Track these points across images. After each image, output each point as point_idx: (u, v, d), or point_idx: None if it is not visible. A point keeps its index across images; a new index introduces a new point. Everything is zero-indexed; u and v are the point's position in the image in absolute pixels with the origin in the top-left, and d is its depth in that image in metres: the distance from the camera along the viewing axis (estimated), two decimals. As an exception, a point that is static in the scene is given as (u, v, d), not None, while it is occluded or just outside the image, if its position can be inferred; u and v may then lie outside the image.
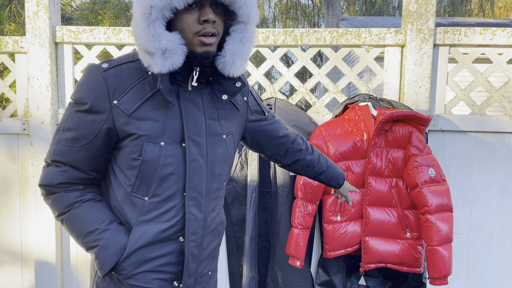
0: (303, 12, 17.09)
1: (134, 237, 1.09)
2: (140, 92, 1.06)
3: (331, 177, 1.54)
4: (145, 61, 1.01)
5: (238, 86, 1.12)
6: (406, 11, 2.17)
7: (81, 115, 1.05)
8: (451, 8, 15.22)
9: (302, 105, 8.51)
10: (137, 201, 1.09)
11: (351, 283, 2.18)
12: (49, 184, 1.10)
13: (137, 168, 1.07)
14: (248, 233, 2.08)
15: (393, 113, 1.88)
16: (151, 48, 0.98)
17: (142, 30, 0.97)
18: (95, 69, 1.05)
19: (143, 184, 1.08)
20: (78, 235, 1.11)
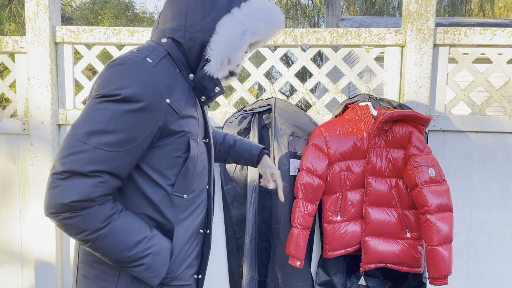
0: (303, 12, 17.08)
1: (178, 236, 1.10)
2: (183, 90, 1.08)
3: (242, 150, 1.55)
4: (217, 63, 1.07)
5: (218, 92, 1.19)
6: (406, 11, 2.17)
7: (133, 114, 0.95)
8: (451, 8, 15.22)
9: (302, 105, 8.50)
10: (177, 199, 1.09)
11: (351, 283, 2.18)
12: (85, 199, 0.92)
13: (179, 165, 1.07)
14: (248, 233, 2.08)
15: (393, 113, 1.88)
16: (234, 59, 1.08)
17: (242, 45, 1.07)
18: (145, 63, 0.99)
19: (184, 181, 1.09)
20: (123, 248, 1.00)
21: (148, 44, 1.09)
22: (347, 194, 1.99)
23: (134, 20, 11.55)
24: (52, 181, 0.92)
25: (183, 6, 1.07)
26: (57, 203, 0.91)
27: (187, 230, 1.13)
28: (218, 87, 1.13)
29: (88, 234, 0.95)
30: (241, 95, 2.33)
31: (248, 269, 2.08)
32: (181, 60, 1.09)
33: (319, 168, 1.93)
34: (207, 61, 1.07)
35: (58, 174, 0.91)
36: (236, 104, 8.34)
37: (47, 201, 0.93)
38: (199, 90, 1.12)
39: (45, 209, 0.94)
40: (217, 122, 2.27)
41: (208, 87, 1.11)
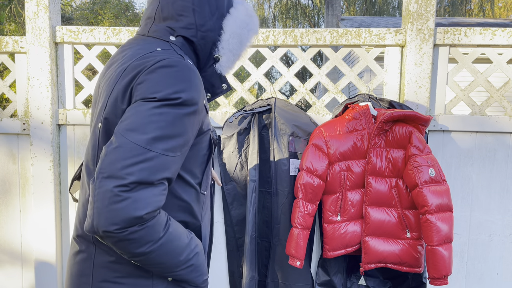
0: (303, 12, 17.09)
1: (205, 232, 1.12)
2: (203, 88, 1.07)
3: None
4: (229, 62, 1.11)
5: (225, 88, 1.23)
6: (406, 11, 2.17)
7: (190, 117, 0.93)
8: (451, 8, 15.22)
9: (302, 105, 8.49)
10: (201, 196, 1.09)
11: (351, 283, 2.18)
12: (157, 209, 0.87)
13: (205, 163, 1.08)
14: (248, 233, 2.08)
15: (393, 113, 1.88)
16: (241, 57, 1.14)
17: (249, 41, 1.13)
18: (191, 65, 0.98)
19: (207, 178, 1.11)
20: (178, 253, 0.97)
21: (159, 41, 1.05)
22: (347, 194, 1.99)
23: (134, 20, 11.55)
24: (117, 194, 0.83)
25: (187, 3, 1.07)
26: (127, 217, 0.83)
27: (207, 224, 1.16)
28: (226, 84, 1.15)
29: (151, 244, 0.90)
30: (241, 95, 2.33)
31: (248, 269, 2.08)
32: (192, 58, 1.10)
33: (319, 168, 1.93)
34: (217, 59, 1.10)
35: (124, 186, 0.83)
36: (236, 104, 8.34)
37: (112, 218, 0.83)
38: (206, 87, 1.13)
39: (105, 227, 0.83)
40: (217, 122, 2.27)
41: (215, 84, 1.13)
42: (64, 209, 2.39)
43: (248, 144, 2.16)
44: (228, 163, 2.18)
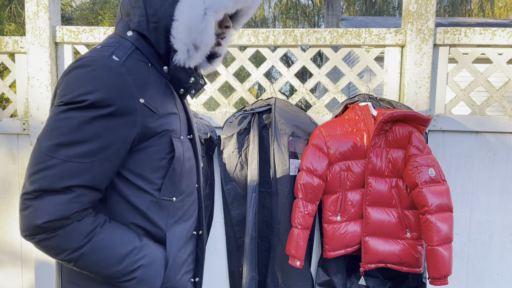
0: (303, 12, 17.09)
1: (172, 242, 1.02)
2: (157, 87, 0.99)
3: None
4: (183, 52, 0.97)
5: (202, 84, 1.11)
6: (406, 11, 2.17)
7: (102, 120, 0.86)
8: (451, 8, 15.22)
9: (302, 105, 8.50)
10: (166, 203, 1.01)
11: (351, 283, 2.18)
12: (59, 218, 0.84)
13: (164, 167, 0.99)
14: (248, 233, 2.08)
15: (393, 113, 1.88)
16: (203, 44, 0.97)
17: (205, 26, 0.95)
18: (111, 63, 0.89)
19: (172, 184, 1.01)
20: (110, 263, 0.92)
21: (113, 39, 0.99)
22: (347, 194, 1.99)
23: (134, 20, 11.53)
24: (22, 202, 0.85)
25: None
26: (30, 225, 0.84)
27: (180, 234, 1.05)
28: (193, 77, 1.03)
29: (69, 253, 0.88)
30: (241, 95, 2.33)
31: (248, 269, 2.08)
32: (152, 53, 1.00)
33: (319, 168, 1.93)
34: (175, 51, 0.98)
35: (28, 194, 0.84)
36: (236, 104, 8.35)
37: (20, 224, 0.86)
38: (175, 82, 1.03)
39: (20, 232, 0.86)
40: (217, 122, 2.27)
41: (182, 78, 1.02)
42: (64, 209, 2.39)
43: (248, 144, 2.16)
44: (228, 163, 2.18)
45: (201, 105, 2.35)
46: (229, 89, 11.05)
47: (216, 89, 2.35)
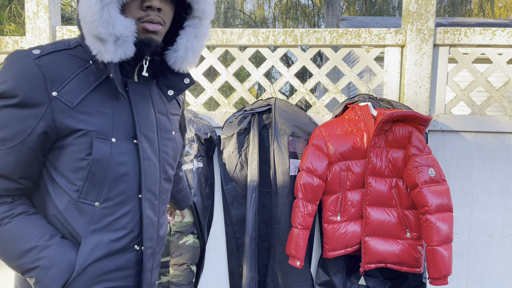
0: (303, 12, 17.09)
1: (86, 250, 0.94)
2: (85, 82, 0.93)
3: (185, 197, 1.52)
4: (94, 48, 0.90)
5: (187, 83, 1.04)
6: (406, 11, 2.17)
7: (9, 110, 0.87)
8: (451, 8, 15.22)
9: (302, 105, 8.50)
10: (86, 208, 0.94)
11: (351, 283, 2.18)
12: None
13: (85, 169, 0.93)
14: (248, 233, 2.08)
15: (393, 113, 1.88)
16: (104, 33, 0.88)
17: (95, 12, 0.86)
18: (24, 56, 0.89)
19: (93, 188, 0.94)
20: (11, 256, 0.91)
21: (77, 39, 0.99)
22: (347, 194, 1.99)
23: (134, 20, 11.53)
24: None
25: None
26: None
27: (101, 244, 0.96)
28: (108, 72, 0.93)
29: None
30: (241, 95, 2.33)
31: (248, 269, 2.08)
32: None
33: (319, 168, 1.93)
34: None
35: None
36: (236, 104, 8.35)
37: None
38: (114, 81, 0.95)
39: None
40: (217, 122, 2.27)
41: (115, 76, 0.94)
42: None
43: (248, 144, 2.16)
44: (228, 163, 2.18)
45: (201, 105, 2.35)
46: (229, 89, 11.04)
47: (216, 89, 2.35)
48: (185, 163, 2.06)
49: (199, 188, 2.10)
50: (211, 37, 2.27)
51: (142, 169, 0.99)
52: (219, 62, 2.32)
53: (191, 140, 2.07)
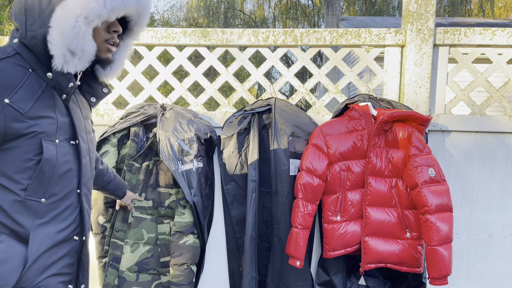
0: (303, 12, 17.09)
1: (36, 242, 1.05)
2: (31, 90, 1.04)
3: (117, 186, 1.71)
4: (61, 59, 1.03)
5: (105, 92, 1.21)
6: (406, 11, 2.17)
7: None
8: (451, 8, 15.22)
9: (302, 105, 8.50)
10: (33, 204, 1.05)
11: (351, 283, 2.18)
12: None
13: (32, 168, 1.03)
14: (248, 233, 2.08)
15: (393, 113, 1.88)
16: (78, 49, 1.03)
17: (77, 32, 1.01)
18: None
19: (40, 185, 1.05)
20: None
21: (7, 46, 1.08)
22: (347, 194, 1.99)
23: (134, 20, 11.54)
24: None
25: (21, 4, 1.05)
26: None
27: (48, 236, 1.08)
28: (72, 82, 1.08)
29: None
30: (241, 95, 2.34)
31: (248, 269, 2.08)
32: (33, 59, 1.06)
33: (319, 168, 1.93)
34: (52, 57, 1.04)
35: None
36: (236, 104, 8.34)
37: None
38: (57, 88, 1.08)
39: None
40: (217, 122, 2.27)
41: (62, 84, 1.08)
42: (64, 209, 2.39)
43: (248, 144, 2.16)
44: (228, 163, 2.18)
45: (201, 105, 2.35)
46: (229, 89, 11.04)
47: (216, 89, 2.35)
48: (185, 163, 2.06)
49: (199, 188, 2.10)
50: (211, 37, 2.28)
51: (82, 167, 1.15)
52: (219, 62, 2.32)
53: (191, 140, 2.08)
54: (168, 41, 2.29)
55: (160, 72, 2.37)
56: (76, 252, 1.16)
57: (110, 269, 2.08)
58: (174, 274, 2.06)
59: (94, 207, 2.12)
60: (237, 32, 2.26)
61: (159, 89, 2.47)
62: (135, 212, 2.10)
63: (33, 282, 1.05)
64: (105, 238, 2.13)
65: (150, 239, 2.12)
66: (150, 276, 2.13)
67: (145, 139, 2.14)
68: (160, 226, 2.13)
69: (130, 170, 2.09)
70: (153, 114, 2.14)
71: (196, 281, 2.17)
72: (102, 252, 2.14)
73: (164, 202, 2.12)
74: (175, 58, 2.35)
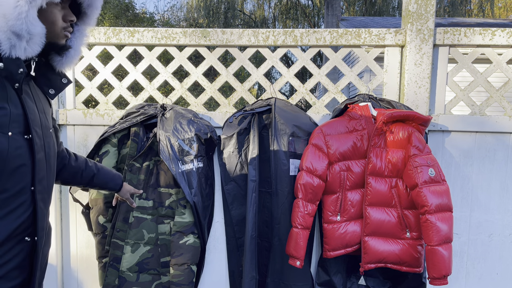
0: (303, 13, 17.09)
1: None
2: None
3: (106, 179, 1.55)
4: (8, 43, 0.98)
5: (65, 83, 1.15)
6: (406, 12, 2.18)
7: None
8: (450, 8, 15.22)
9: (302, 105, 8.52)
10: None
11: (351, 283, 2.18)
12: None
13: None
14: (248, 233, 2.08)
15: (393, 113, 1.89)
16: (24, 31, 0.98)
17: (21, 12, 0.96)
18: None
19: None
20: None
21: None
22: (347, 194, 1.99)
23: (134, 20, 11.56)
24: None
25: None
26: None
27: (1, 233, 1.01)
28: (21, 68, 1.02)
29: None
30: (241, 95, 2.34)
31: (248, 269, 2.08)
32: None
33: (319, 168, 1.94)
34: None
35: None
36: (236, 104, 8.34)
37: None
38: (9, 76, 1.02)
39: None
40: (217, 122, 2.27)
41: (12, 71, 1.01)
42: (64, 209, 2.39)
43: (248, 144, 2.17)
44: (228, 163, 2.19)
45: (201, 105, 2.36)
46: (229, 89, 11.05)
47: (216, 89, 2.35)
48: (185, 163, 2.06)
49: (199, 188, 2.11)
50: (211, 37, 2.28)
51: (36, 163, 1.07)
52: (219, 62, 2.32)
53: (191, 140, 2.08)
54: (168, 41, 2.29)
55: (160, 72, 2.37)
56: (27, 254, 1.08)
57: (110, 269, 2.09)
58: (175, 274, 2.06)
59: (94, 207, 2.13)
60: (237, 32, 2.26)
61: (159, 89, 2.47)
62: (136, 212, 2.10)
63: None
64: (105, 238, 2.13)
65: (150, 239, 2.12)
66: (150, 276, 2.13)
67: (146, 139, 2.14)
68: (161, 226, 2.13)
69: (131, 170, 2.09)
70: (154, 114, 2.15)
71: (196, 281, 2.17)
72: (103, 252, 2.14)
73: (164, 202, 2.12)
74: (175, 58, 2.35)
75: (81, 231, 2.39)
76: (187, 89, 2.37)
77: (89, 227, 2.19)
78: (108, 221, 2.14)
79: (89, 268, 2.39)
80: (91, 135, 2.35)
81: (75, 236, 2.40)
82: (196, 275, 2.14)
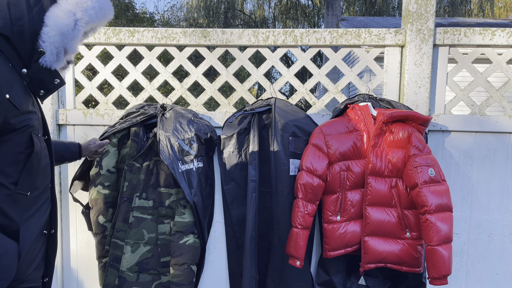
0: (303, 13, 17.09)
1: (26, 236, 1.07)
2: (19, 85, 1.06)
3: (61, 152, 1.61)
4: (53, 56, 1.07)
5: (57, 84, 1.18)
6: (406, 11, 2.18)
7: None
8: (450, 8, 15.22)
9: (302, 105, 8.52)
10: (21, 197, 1.06)
11: (351, 283, 2.18)
12: None
13: (22, 161, 1.05)
14: (248, 233, 2.08)
15: (393, 113, 1.89)
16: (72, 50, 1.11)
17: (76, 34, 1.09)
18: None
19: (28, 178, 1.07)
20: None
21: None
22: (347, 194, 1.99)
23: (134, 20, 11.55)
24: None
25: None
26: None
27: (34, 229, 1.11)
28: (58, 78, 1.13)
29: None
30: (241, 95, 2.34)
31: (248, 269, 2.08)
32: (13, 55, 1.06)
33: (319, 168, 1.93)
34: (41, 54, 1.06)
35: None
36: (236, 104, 8.34)
37: None
38: (36, 84, 1.10)
39: None
40: (217, 122, 2.27)
41: (46, 80, 1.10)
42: (65, 208, 2.39)
43: (248, 144, 2.17)
44: (228, 163, 2.19)
45: (201, 105, 2.36)
46: (229, 89, 11.04)
47: (216, 89, 2.35)
48: (185, 163, 2.06)
49: (199, 188, 2.10)
50: (211, 37, 2.28)
51: (53, 162, 1.19)
52: (219, 62, 2.32)
53: (191, 140, 2.08)
54: (168, 41, 2.29)
55: (160, 72, 2.37)
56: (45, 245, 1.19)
57: (110, 269, 2.09)
58: (175, 274, 2.06)
59: (94, 207, 2.13)
60: (237, 32, 2.26)
61: (159, 89, 2.47)
62: (136, 212, 2.10)
63: (24, 276, 1.08)
64: (105, 238, 2.13)
65: (150, 239, 2.12)
66: (150, 276, 2.13)
67: (146, 139, 2.14)
68: (161, 226, 2.13)
69: (131, 170, 2.09)
70: (153, 114, 2.15)
71: (196, 281, 2.17)
72: (103, 252, 2.14)
73: (164, 202, 2.12)
74: (175, 58, 2.35)
75: (81, 231, 2.39)
76: (187, 89, 2.37)
77: (89, 227, 2.19)
78: (108, 221, 2.14)
79: (89, 268, 2.39)
80: (91, 135, 2.35)
81: (75, 236, 2.40)
82: (196, 275, 2.14)
